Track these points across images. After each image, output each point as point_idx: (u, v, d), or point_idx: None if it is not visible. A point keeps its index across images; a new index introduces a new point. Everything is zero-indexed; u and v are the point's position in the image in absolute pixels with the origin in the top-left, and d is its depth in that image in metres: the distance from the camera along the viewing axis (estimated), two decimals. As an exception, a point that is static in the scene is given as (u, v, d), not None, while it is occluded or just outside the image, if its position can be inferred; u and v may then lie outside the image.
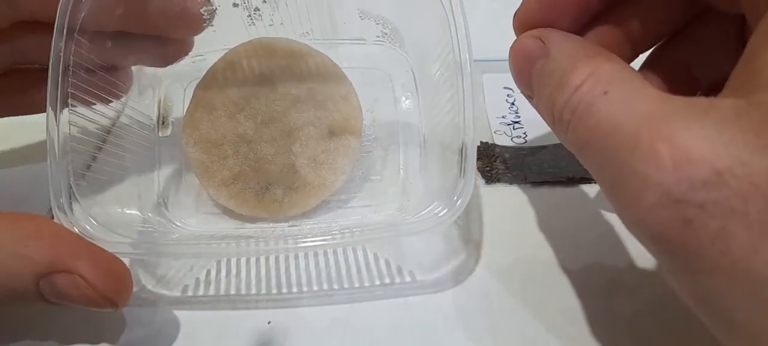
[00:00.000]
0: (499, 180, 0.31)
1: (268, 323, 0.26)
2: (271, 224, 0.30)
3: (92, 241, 0.22)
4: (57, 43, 0.24)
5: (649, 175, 0.16)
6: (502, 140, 0.32)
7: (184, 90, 0.32)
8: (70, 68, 0.24)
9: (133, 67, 0.30)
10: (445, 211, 0.23)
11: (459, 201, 0.23)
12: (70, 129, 0.23)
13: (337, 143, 0.30)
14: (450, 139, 0.25)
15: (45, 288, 0.21)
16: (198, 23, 0.29)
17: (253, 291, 0.27)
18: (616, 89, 0.17)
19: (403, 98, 0.32)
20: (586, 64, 0.18)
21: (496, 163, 0.31)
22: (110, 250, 0.22)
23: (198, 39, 0.31)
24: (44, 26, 0.25)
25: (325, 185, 0.30)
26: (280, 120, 0.30)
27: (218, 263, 0.28)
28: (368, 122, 0.32)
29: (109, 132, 0.28)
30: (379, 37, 0.32)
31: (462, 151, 0.23)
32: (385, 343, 0.25)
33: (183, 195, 0.30)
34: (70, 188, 0.23)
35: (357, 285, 0.27)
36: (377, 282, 0.27)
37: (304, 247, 0.23)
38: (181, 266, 0.28)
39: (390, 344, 0.25)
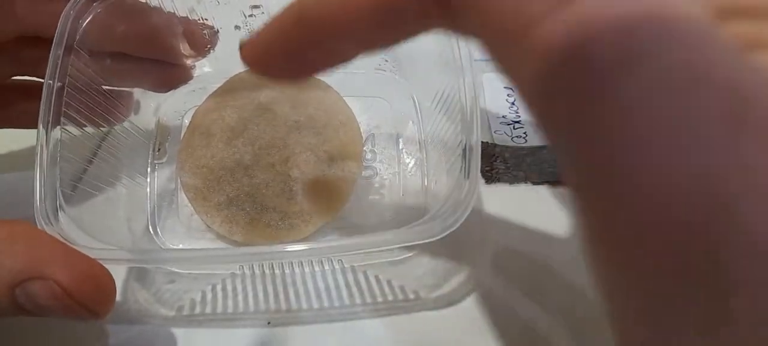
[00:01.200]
0: (499, 180, 0.30)
1: (268, 323, 0.26)
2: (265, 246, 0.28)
3: (75, 247, 0.21)
4: (55, 54, 0.24)
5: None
6: (502, 140, 0.32)
7: (183, 116, 0.32)
8: (67, 78, 0.24)
9: (134, 91, 0.30)
10: (445, 223, 0.22)
11: (460, 211, 0.22)
12: (61, 135, 0.23)
13: (336, 169, 0.29)
14: (451, 154, 0.25)
15: (21, 297, 0.20)
16: (201, 46, 0.29)
17: (251, 309, 0.26)
18: None
19: (404, 124, 0.32)
20: None
21: (496, 163, 0.30)
22: (95, 257, 0.21)
23: (199, 65, 0.31)
24: (46, 42, 0.25)
25: (323, 211, 0.29)
26: (278, 146, 0.30)
27: (213, 285, 0.27)
28: (368, 148, 0.31)
29: (103, 140, 0.27)
30: (379, 64, 0.32)
31: (465, 159, 0.22)
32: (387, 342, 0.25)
33: (174, 220, 0.29)
34: (57, 197, 0.22)
35: (359, 302, 0.27)
36: (379, 298, 0.27)
37: (299, 252, 0.21)
38: (177, 288, 0.27)
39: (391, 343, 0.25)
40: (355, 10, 0.14)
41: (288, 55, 0.17)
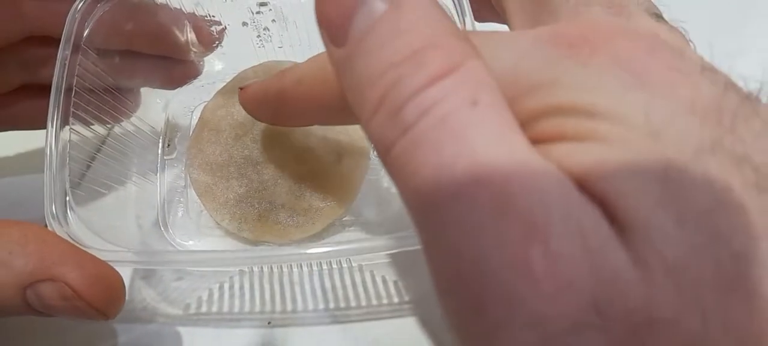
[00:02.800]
0: None
1: (268, 323, 0.26)
2: (274, 248, 0.28)
3: (85, 249, 0.21)
4: (62, 53, 0.24)
5: (522, 297, 0.11)
6: None
7: (192, 112, 0.32)
8: (75, 77, 0.24)
9: (142, 89, 0.30)
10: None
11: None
12: (70, 136, 0.23)
13: (344, 166, 0.29)
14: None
15: (32, 298, 0.20)
16: (208, 42, 0.29)
17: (257, 308, 0.26)
18: (486, 104, 0.12)
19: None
20: (455, 47, 0.13)
21: None
22: (105, 258, 0.21)
23: (207, 61, 0.31)
24: (54, 42, 0.25)
25: (331, 208, 0.28)
26: (287, 142, 0.30)
27: (221, 283, 0.27)
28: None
29: (107, 136, 0.28)
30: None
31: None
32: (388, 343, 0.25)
33: (184, 216, 0.30)
34: (66, 198, 0.23)
35: (365, 302, 0.27)
36: (384, 298, 0.27)
37: (308, 255, 0.21)
38: (185, 286, 0.27)
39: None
40: (311, 101, 0.19)
41: (270, 111, 0.23)
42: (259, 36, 0.30)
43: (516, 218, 0.11)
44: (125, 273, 0.22)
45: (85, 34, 0.25)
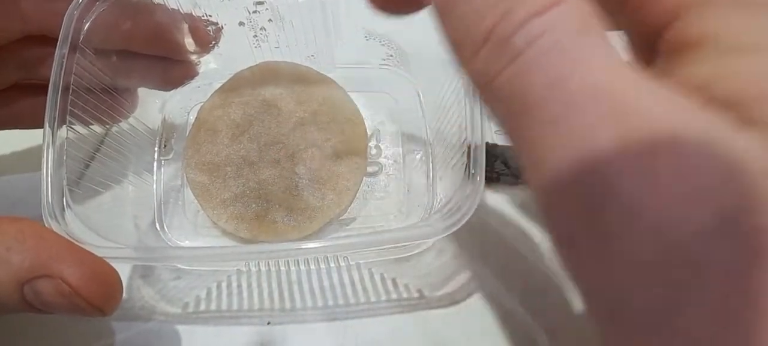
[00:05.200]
0: (499, 180, 0.30)
1: (267, 323, 0.26)
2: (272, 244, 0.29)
3: (82, 246, 0.21)
4: (60, 52, 0.24)
5: (644, 204, 0.11)
6: (504, 141, 0.31)
7: (188, 113, 0.32)
8: (73, 76, 0.24)
9: (139, 89, 0.30)
10: (451, 220, 0.22)
11: (466, 208, 0.22)
12: (67, 134, 0.23)
13: (341, 165, 0.29)
14: (456, 150, 0.24)
15: (29, 294, 0.20)
16: (205, 42, 0.29)
17: (256, 307, 0.27)
18: (597, 34, 0.12)
19: (409, 120, 0.32)
20: None
21: (496, 163, 0.30)
22: (102, 255, 0.21)
23: (203, 62, 0.31)
24: (52, 41, 0.25)
25: (328, 206, 0.29)
26: (283, 142, 0.30)
27: (219, 282, 0.27)
28: (373, 143, 0.31)
29: (105, 136, 0.28)
30: (384, 59, 0.32)
31: (470, 155, 0.22)
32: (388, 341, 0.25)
33: (181, 216, 0.30)
34: (64, 195, 0.23)
35: (363, 300, 0.27)
36: (383, 296, 0.27)
37: (306, 250, 0.21)
38: (183, 285, 0.27)
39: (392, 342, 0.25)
40: None
41: None
42: (255, 36, 0.30)
43: (638, 127, 0.11)
44: (123, 271, 0.22)
45: (82, 34, 0.25)
